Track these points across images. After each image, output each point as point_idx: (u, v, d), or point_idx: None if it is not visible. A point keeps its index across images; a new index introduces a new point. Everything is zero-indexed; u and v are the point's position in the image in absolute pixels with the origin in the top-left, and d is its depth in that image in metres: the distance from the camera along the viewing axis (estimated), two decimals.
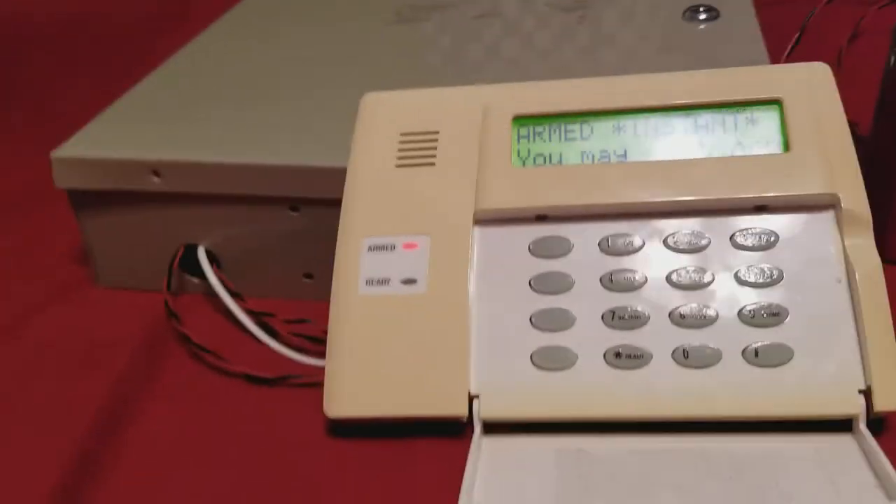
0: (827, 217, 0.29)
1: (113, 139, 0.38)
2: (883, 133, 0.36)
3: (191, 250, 0.38)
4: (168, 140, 0.38)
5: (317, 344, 0.34)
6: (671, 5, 0.48)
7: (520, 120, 0.32)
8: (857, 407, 0.27)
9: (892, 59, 0.37)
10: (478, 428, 0.28)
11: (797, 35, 0.47)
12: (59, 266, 0.42)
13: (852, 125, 0.30)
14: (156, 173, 0.37)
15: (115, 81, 0.50)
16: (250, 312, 0.36)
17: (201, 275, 0.38)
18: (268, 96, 0.41)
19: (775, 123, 0.30)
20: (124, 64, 0.63)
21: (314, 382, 0.32)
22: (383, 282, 0.30)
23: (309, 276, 0.38)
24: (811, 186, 0.29)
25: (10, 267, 0.43)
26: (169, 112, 0.40)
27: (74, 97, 0.59)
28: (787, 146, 0.30)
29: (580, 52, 0.43)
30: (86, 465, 0.30)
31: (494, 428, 0.29)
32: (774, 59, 0.42)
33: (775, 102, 0.30)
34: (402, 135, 0.32)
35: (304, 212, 0.36)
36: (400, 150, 0.32)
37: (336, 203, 0.33)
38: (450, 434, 0.29)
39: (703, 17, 0.46)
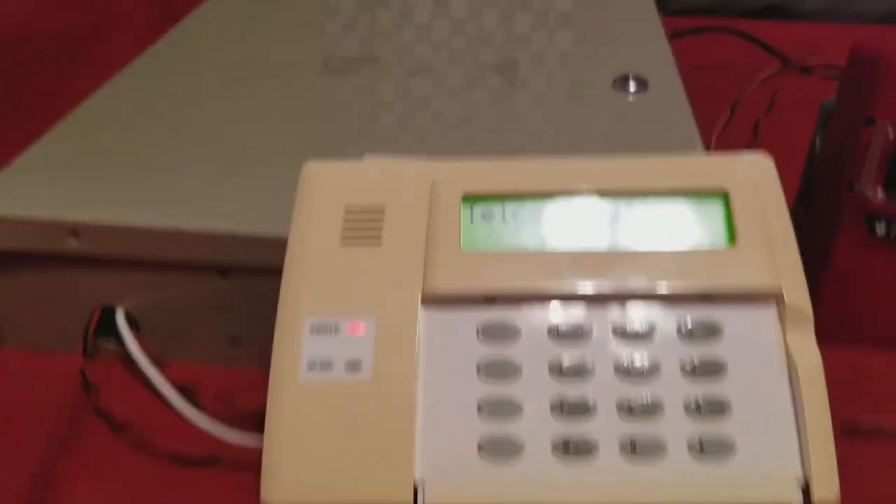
0: (770, 311, 0.29)
1: (27, 194, 0.36)
2: (812, 217, 0.38)
3: (108, 312, 0.36)
4: (87, 198, 0.35)
5: (245, 420, 0.33)
6: (600, 72, 0.48)
7: (470, 199, 0.31)
8: (796, 499, 0.27)
9: (818, 143, 0.38)
10: None
11: (728, 116, 0.48)
12: None
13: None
14: (74, 234, 0.34)
15: (24, 111, 0.47)
16: (174, 384, 0.34)
17: (120, 339, 0.36)
18: (192, 151, 0.39)
19: (721, 215, 0.31)
20: (37, 89, 0.60)
21: (246, 464, 0.30)
22: (326, 366, 0.29)
23: (235, 340, 0.36)
24: (755, 280, 0.29)
25: None
26: (88, 164, 0.38)
27: None
28: (732, 238, 0.30)
29: (512, 117, 0.43)
30: None
31: None
32: (703, 129, 0.43)
33: (722, 194, 0.31)
34: (347, 209, 0.31)
35: (234, 278, 0.35)
36: (345, 226, 0.31)
37: (266, 270, 0.32)
38: None
39: (632, 88, 0.47)
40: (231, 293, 0.35)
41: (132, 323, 0.36)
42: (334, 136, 0.41)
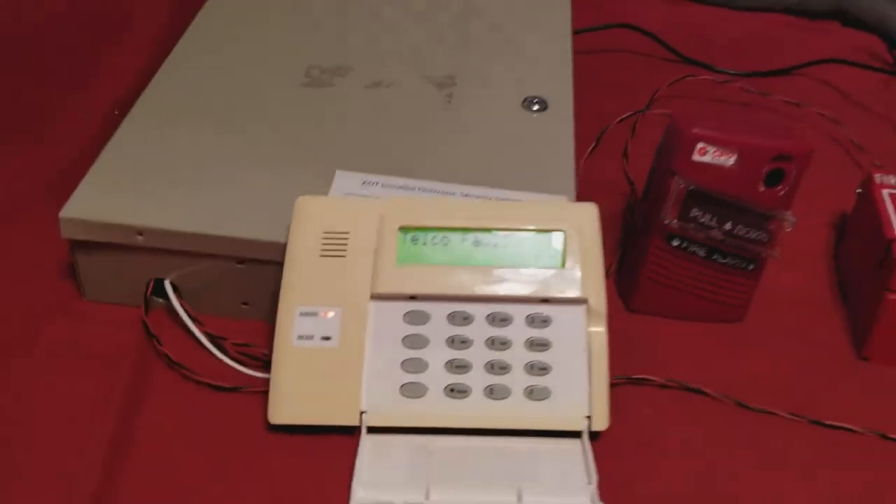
0: (581, 310, 0.48)
1: (104, 203, 0.52)
2: (638, 229, 0.56)
3: (159, 282, 0.53)
4: (148, 205, 0.52)
5: (257, 361, 0.51)
6: (517, 93, 0.64)
7: (404, 229, 0.49)
8: (583, 425, 0.47)
9: (656, 161, 0.55)
10: (364, 430, 0.46)
11: (593, 145, 0.64)
12: (50, 280, 0.56)
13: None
14: (139, 233, 0.51)
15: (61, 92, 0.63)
16: (205, 333, 0.52)
17: (168, 300, 0.53)
18: (218, 168, 0.55)
19: (560, 245, 0.48)
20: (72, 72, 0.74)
21: (258, 391, 0.49)
22: (309, 337, 0.47)
23: (246, 303, 0.54)
24: (573, 292, 0.47)
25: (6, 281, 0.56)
26: (146, 176, 0.54)
27: (34, 111, 0.70)
28: (563, 263, 0.48)
29: (442, 132, 0.59)
30: (99, 450, 0.46)
31: (374, 430, 0.47)
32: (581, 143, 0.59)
33: (560, 231, 0.48)
34: (325, 233, 0.49)
35: (247, 264, 0.52)
36: (322, 244, 0.48)
37: (269, 262, 0.50)
38: (348, 433, 0.47)
39: (535, 107, 0.63)
40: (245, 274, 0.52)
41: (176, 290, 0.53)
42: (314, 149, 0.57)
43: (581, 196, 0.56)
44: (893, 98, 0.78)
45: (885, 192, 0.56)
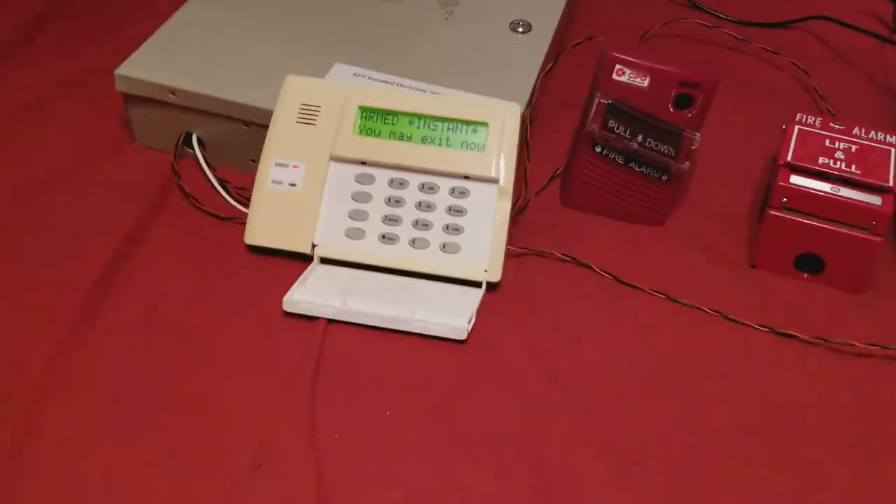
0: (493, 188, 0.59)
1: (152, 66, 0.67)
2: (577, 130, 0.66)
3: (188, 135, 0.68)
4: (181, 71, 0.66)
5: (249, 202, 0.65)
6: (508, 16, 0.75)
7: (362, 108, 0.61)
8: (482, 276, 0.59)
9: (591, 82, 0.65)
10: (316, 259, 0.60)
11: (551, 65, 0.73)
12: (109, 128, 0.72)
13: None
14: (172, 93, 0.66)
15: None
16: (217, 178, 0.67)
17: (193, 149, 0.68)
18: (243, 47, 0.69)
19: (483, 135, 0.60)
20: None
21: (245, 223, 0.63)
22: (280, 183, 0.61)
23: (254, 160, 0.68)
24: (488, 171, 0.59)
25: (79, 124, 0.72)
26: (189, 47, 0.68)
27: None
28: (484, 148, 0.59)
29: (434, 42, 0.71)
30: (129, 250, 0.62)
31: (324, 261, 0.60)
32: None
33: (484, 123, 0.60)
34: (302, 105, 0.62)
35: (252, 128, 0.66)
36: (298, 113, 0.62)
37: (267, 126, 0.63)
38: (304, 260, 0.61)
39: (520, 29, 0.74)
40: (251, 135, 0.66)
41: (201, 143, 0.68)
42: (326, 44, 0.70)
43: (545, 109, 0.66)
44: (880, 62, 0.84)
45: (797, 127, 0.64)
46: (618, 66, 0.60)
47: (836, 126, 0.64)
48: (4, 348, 0.54)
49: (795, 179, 0.61)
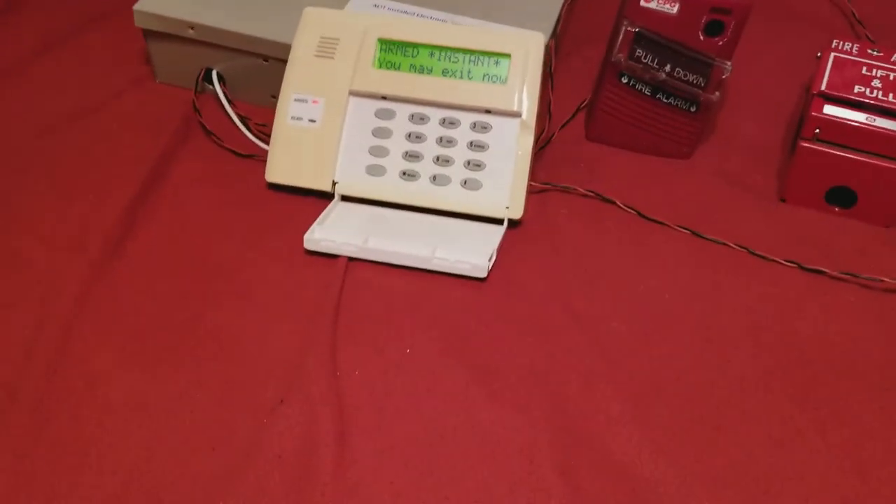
0: (515, 122, 0.58)
1: (170, 1, 0.66)
2: (601, 68, 0.64)
3: (209, 71, 0.67)
4: (201, 6, 0.65)
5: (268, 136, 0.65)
6: None
7: (381, 41, 0.60)
8: (503, 213, 0.58)
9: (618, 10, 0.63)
10: (336, 197, 0.60)
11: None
12: (131, 65, 0.71)
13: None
14: (191, 28, 0.65)
15: None
16: (238, 114, 0.66)
17: (213, 85, 0.67)
18: None
19: (506, 67, 0.58)
20: None
21: (266, 160, 0.63)
22: (299, 119, 0.60)
23: (274, 96, 0.67)
24: (511, 105, 0.58)
25: (100, 62, 0.72)
26: None
27: None
28: (506, 81, 0.58)
29: None
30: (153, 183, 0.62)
31: (344, 198, 0.60)
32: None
33: (507, 54, 0.58)
34: (321, 38, 0.61)
35: (271, 62, 0.65)
36: (318, 47, 0.60)
37: (286, 60, 0.62)
38: (325, 198, 0.60)
39: None
40: (270, 71, 0.65)
41: (220, 78, 0.67)
42: None
43: (569, 39, 0.64)
44: None
45: (833, 54, 0.62)
46: None
47: (875, 53, 0.62)
48: (32, 282, 0.55)
49: (829, 109, 0.59)
